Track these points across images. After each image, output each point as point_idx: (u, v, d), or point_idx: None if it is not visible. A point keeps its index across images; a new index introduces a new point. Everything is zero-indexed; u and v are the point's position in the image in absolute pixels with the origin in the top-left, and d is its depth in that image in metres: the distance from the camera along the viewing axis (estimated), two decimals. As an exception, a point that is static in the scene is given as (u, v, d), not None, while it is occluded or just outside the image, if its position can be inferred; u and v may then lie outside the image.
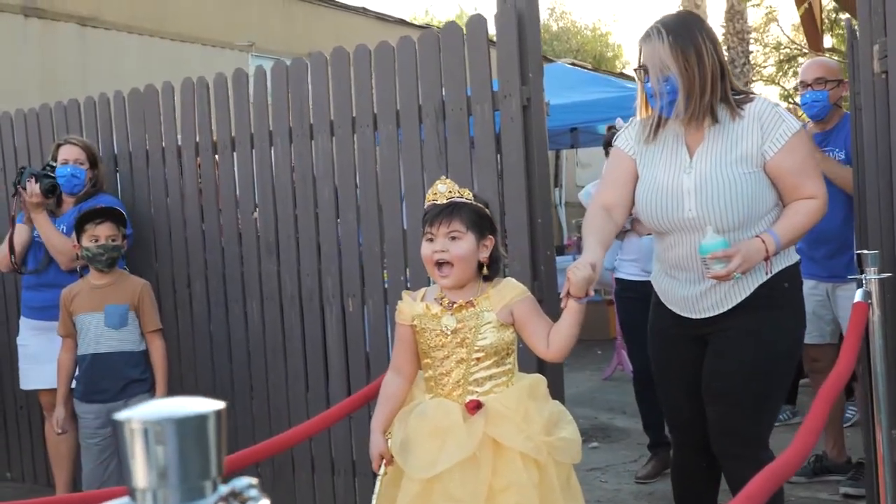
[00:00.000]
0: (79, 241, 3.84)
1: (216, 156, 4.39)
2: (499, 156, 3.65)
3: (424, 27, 3.49)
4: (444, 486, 2.43)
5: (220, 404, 0.73)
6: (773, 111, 2.71)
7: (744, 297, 2.73)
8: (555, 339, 2.53)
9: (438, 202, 2.58)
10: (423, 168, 3.78)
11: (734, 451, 2.80)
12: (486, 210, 2.64)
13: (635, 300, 4.54)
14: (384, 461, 2.62)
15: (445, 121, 3.75)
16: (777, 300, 2.75)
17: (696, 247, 2.66)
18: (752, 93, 2.90)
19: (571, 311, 2.48)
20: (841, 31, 14.37)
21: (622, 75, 15.46)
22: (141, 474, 0.70)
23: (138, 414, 0.70)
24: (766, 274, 2.71)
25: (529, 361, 3.56)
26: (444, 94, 3.75)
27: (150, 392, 3.84)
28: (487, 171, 3.67)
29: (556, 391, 3.64)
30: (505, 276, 3.39)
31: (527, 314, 2.57)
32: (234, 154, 4.32)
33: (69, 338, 3.88)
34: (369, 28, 4.44)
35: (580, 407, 6.12)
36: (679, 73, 2.66)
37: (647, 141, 2.83)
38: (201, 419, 0.71)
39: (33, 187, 4.16)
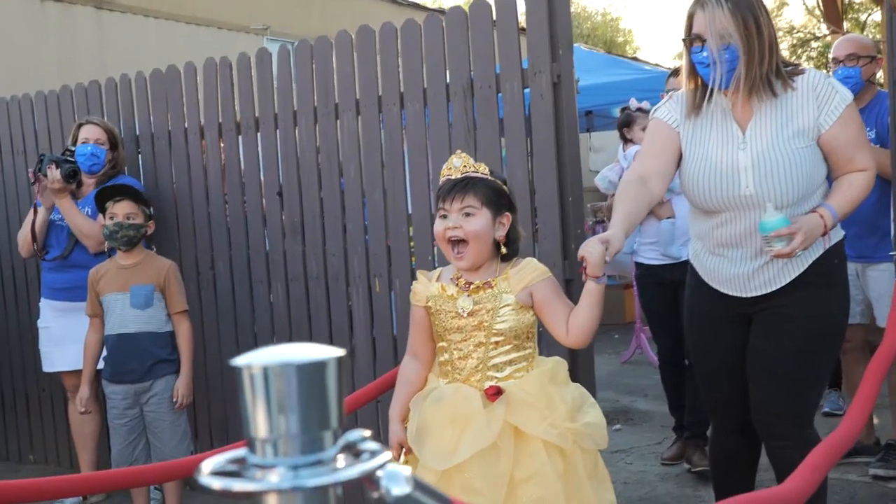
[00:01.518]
0: (103, 218, 3.83)
1: (239, 136, 4.36)
2: (528, 133, 3.61)
3: (438, 11, 3.44)
4: (463, 478, 2.32)
5: (340, 351, 0.69)
6: (826, 82, 2.66)
7: (797, 273, 2.68)
8: (574, 323, 2.40)
9: (453, 177, 2.48)
10: (450, 146, 3.73)
11: (780, 431, 2.75)
12: (504, 187, 2.52)
13: (655, 284, 4.53)
14: (403, 450, 2.52)
15: (474, 99, 3.71)
16: (828, 276, 2.71)
17: (752, 224, 2.61)
18: (801, 65, 2.84)
19: (590, 293, 2.37)
20: (855, 15, 14.28)
21: (635, 59, 15.36)
22: (261, 422, 0.67)
23: (258, 359, 0.67)
24: (823, 248, 2.67)
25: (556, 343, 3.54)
26: (472, 71, 3.71)
27: (177, 373, 3.82)
28: (517, 149, 3.63)
29: (587, 374, 3.62)
30: (533, 255, 3.36)
31: (547, 297, 2.44)
32: (258, 134, 4.29)
33: (96, 318, 3.86)
34: (384, 12, 4.41)
35: (601, 390, 6.04)
36: (740, 41, 2.59)
37: (692, 114, 2.76)
38: (322, 365, 0.68)
39: (54, 173, 4.13)
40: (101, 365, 3.92)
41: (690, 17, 2.70)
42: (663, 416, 5.03)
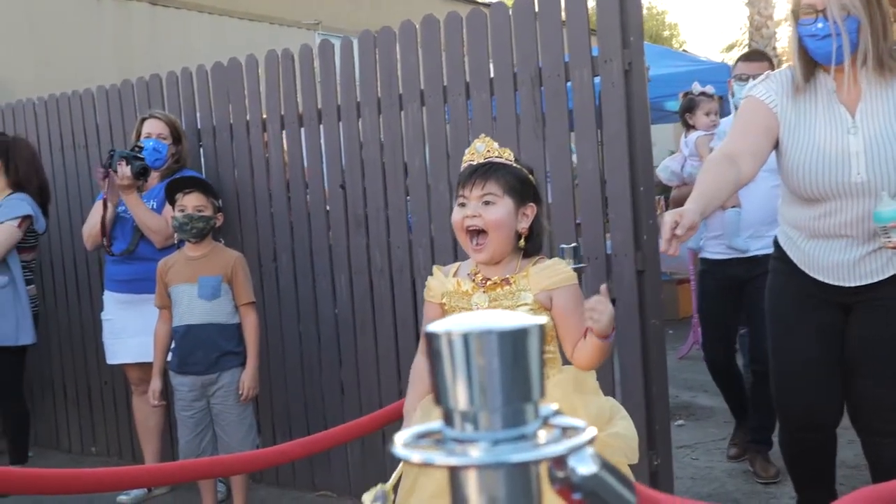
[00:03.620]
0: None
1: (302, 128, 4.34)
2: (599, 122, 3.55)
3: (495, 3, 3.39)
4: None
5: (541, 319, 0.65)
6: None
7: None
8: (578, 356, 2.23)
9: (475, 162, 2.32)
10: (518, 137, 3.69)
11: (883, 426, 2.66)
12: (530, 176, 2.36)
13: (718, 282, 4.34)
14: None
15: (542, 88, 3.65)
16: None
17: (861, 213, 2.51)
18: None
19: (595, 346, 2.16)
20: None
21: (684, 52, 15.17)
22: (461, 393, 0.63)
23: (456, 325, 0.63)
24: None
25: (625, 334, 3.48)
26: (540, 60, 3.65)
27: (243, 366, 3.81)
28: (587, 139, 3.57)
29: (659, 369, 3.56)
30: (574, 248, 3.24)
31: (567, 307, 2.25)
32: (321, 126, 4.27)
33: (165, 309, 3.86)
34: (435, 6, 4.38)
35: (660, 385, 6.01)
36: (864, 11, 2.48)
37: (797, 93, 2.66)
38: (524, 333, 0.63)
39: (124, 170, 4.13)
40: (168, 357, 3.92)
41: None
42: (725, 412, 4.94)
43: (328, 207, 4.29)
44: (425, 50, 3.94)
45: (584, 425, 0.66)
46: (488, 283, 2.31)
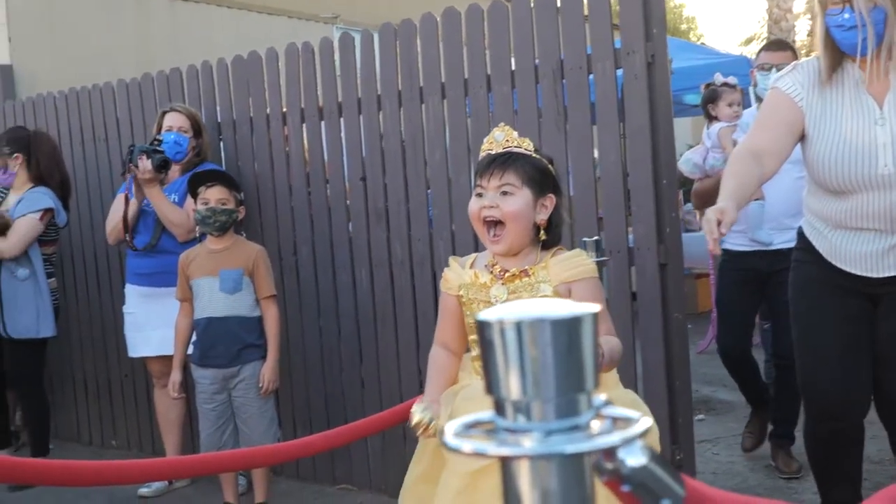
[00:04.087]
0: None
1: (322, 122, 4.33)
2: (621, 115, 3.53)
3: None
4: (492, 483, 2.04)
5: (595, 307, 0.64)
6: None
7: None
8: None
9: (493, 151, 2.27)
10: (540, 130, 3.67)
11: None
12: (549, 166, 2.30)
13: (739, 273, 4.30)
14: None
15: (564, 81, 3.64)
16: None
17: (889, 204, 2.48)
18: None
19: None
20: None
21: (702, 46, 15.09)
22: (513, 382, 0.62)
23: (509, 314, 0.62)
24: None
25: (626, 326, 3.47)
26: (562, 52, 3.63)
27: (264, 359, 3.81)
28: (609, 131, 3.55)
29: (681, 364, 3.54)
30: (596, 241, 3.21)
31: (585, 300, 2.06)
32: (342, 119, 4.26)
33: (186, 302, 3.87)
34: (453, 0, 4.39)
35: (679, 380, 5.98)
36: (891, 3, 2.45)
37: (824, 85, 2.63)
38: (577, 321, 0.62)
39: (145, 164, 4.14)
40: (190, 350, 3.93)
41: None
42: (746, 406, 4.90)
43: (348, 201, 4.28)
44: (446, 43, 3.92)
45: (639, 416, 0.65)
46: (506, 274, 2.26)
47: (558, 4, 3.62)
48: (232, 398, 3.81)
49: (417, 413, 2.25)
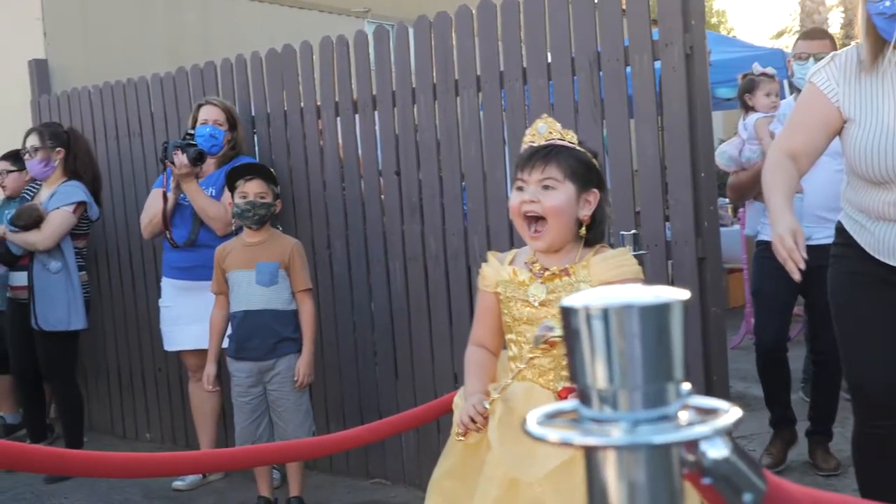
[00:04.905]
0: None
1: (356, 115, 4.32)
2: (659, 107, 3.49)
3: None
4: (533, 491, 2.03)
5: (684, 293, 0.62)
6: None
7: None
8: None
9: (535, 144, 2.19)
10: (576, 123, 3.64)
11: None
12: (594, 160, 2.23)
13: (775, 262, 4.22)
14: (477, 426, 2.13)
15: (601, 73, 3.60)
16: None
17: None
18: None
19: None
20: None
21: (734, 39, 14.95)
22: (599, 371, 0.60)
23: (595, 300, 0.60)
24: None
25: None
26: (599, 44, 3.60)
27: (300, 352, 3.81)
28: (647, 124, 3.52)
29: (719, 360, 3.51)
30: (634, 235, 3.15)
31: None
32: (376, 113, 4.25)
33: (222, 295, 3.87)
34: None
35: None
36: None
37: (864, 70, 2.58)
38: (667, 308, 0.60)
39: (181, 159, 4.15)
40: (225, 343, 3.93)
41: None
42: (781, 403, 4.85)
43: (382, 195, 4.27)
44: (482, 35, 3.90)
45: (727, 406, 0.63)
46: (546, 273, 2.18)
47: (595, -4, 3.58)
48: (267, 391, 3.81)
49: (461, 405, 2.21)
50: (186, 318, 4.34)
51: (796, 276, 2.31)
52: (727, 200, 6.03)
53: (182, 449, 5.03)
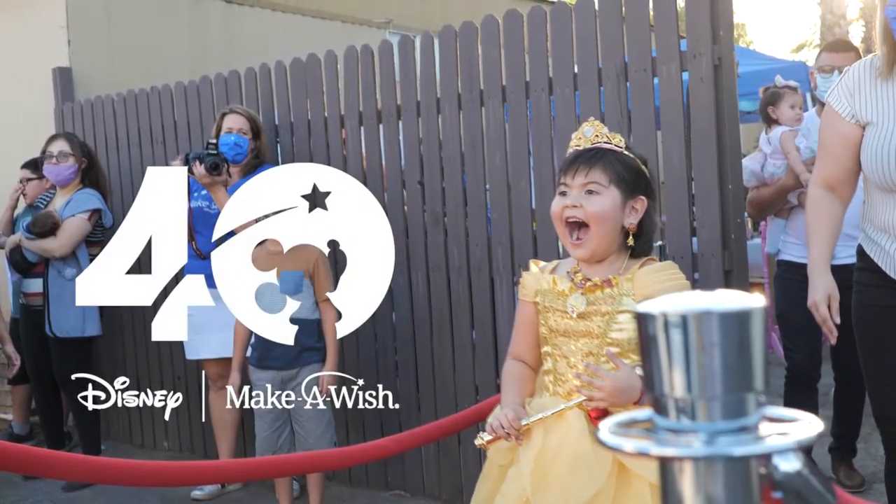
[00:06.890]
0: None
1: (380, 125, 4.31)
2: (687, 119, 3.47)
3: (559, 1, 3.36)
4: None
5: (762, 299, 0.60)
6: None
7: None
8: None
9: (581, 147, 2.11)
10: (602, 133, 3.61)
11: None
12: (643, 166, 2.13)
13: (801, 283, 4.13)
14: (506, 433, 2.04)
15: (628, 83, 3.58)
16: None
17: None
18: None
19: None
20: None
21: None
22: (677, 379, 0.58)
23: (672, 306, 0.58)
24: None
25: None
26: (626, 54, 3.58)
27: (323, 362, 3.79)
28: (674, 135, 3.49)
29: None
30: (660, 247, 3.09)
31: None
32: (400, 123, 4.24)
33: (246, 304, 3.85)
34: (504, 5, 4.31)
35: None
36: None
37: (883, 77, 2.54)
38: (746, 316, 0.58)
39: (199, 170, 4.15)
40: (248, 352, 3.92)
41: None
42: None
43: (405, 205, 4.25)
44: (507, 45, 3.88)
45: (808, 418, 0.60)
46: (587, 283, 2.07)
47: (622, 4, 3.56)
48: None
49: (496, 413, 2.12)
50: (210, 326, 4.32)
51: (832, 341, 2.28)
52: (746, 215, 5.94)
53: (200, 457, 5.01)
